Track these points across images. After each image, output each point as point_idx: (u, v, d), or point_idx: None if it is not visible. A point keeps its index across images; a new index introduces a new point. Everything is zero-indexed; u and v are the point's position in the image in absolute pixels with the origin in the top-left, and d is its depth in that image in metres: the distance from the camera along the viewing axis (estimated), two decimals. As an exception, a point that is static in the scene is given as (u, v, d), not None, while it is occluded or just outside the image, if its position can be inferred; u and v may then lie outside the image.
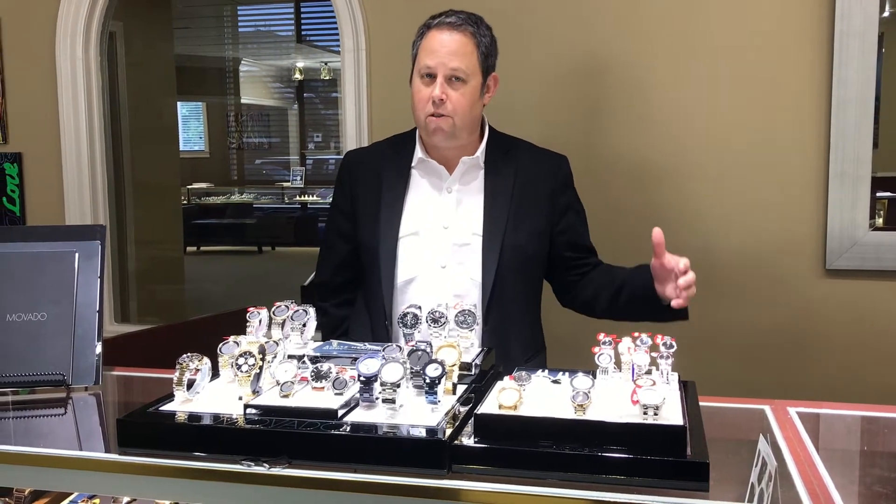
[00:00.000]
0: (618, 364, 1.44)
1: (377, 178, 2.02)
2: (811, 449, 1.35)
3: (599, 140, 2.72)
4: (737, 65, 2.60)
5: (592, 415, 1.26)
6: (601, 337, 1.44)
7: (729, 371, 2.62)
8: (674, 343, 1.42)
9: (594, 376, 1.38)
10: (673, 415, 1.27)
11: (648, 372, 1.38)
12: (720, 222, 2.65)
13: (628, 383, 1.38)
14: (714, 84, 2.62)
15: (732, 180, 2.63)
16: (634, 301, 1.91)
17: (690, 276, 1.75)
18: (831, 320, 2.59)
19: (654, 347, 1.42)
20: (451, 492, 1.20)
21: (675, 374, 1.44)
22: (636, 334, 1.44)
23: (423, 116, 1.90)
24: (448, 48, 1.87)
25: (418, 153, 1.99)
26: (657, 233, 1.76)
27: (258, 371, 1.39)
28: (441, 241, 1.95)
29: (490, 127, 2.03)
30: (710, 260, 2.67)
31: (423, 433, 1.25)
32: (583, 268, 2.03)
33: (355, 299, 2.09)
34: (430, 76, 1.88)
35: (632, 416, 1.25)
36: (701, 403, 1.40)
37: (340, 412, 1.31)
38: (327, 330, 2.06)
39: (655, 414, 1.24)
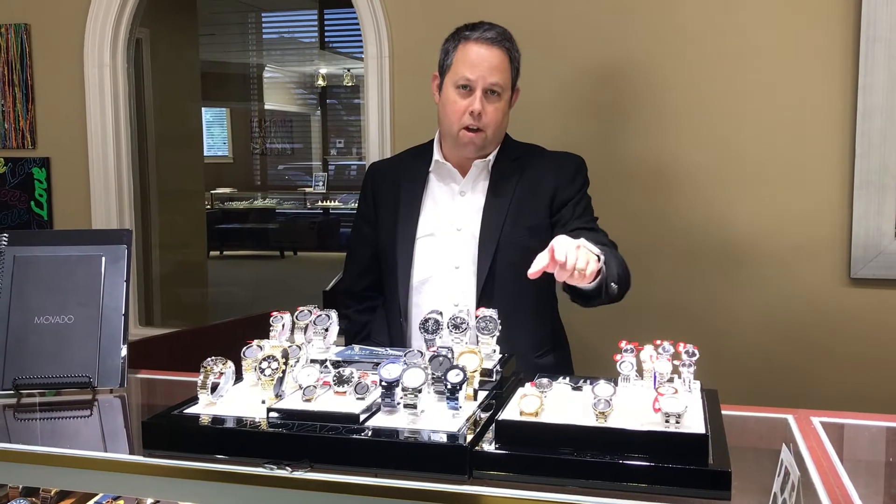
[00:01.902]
0: (639, 372, 1.43)
1: (397, 185, 2.07)
2: (835, 459, 1.34)
3: (619, 145, 2.72)
4: (760, 70, 2.59)
5: (614, 422, 1.26)
6: (623, 344, 1.44)
7: (751, 379, 2.60)
8: (696, 351, 1.42)
9: (616, 384, 1.38)
10: (695, 423, 1.26)
11: (670, 380, 1.38)
12: (743, 230, 2.64)
13: (650, 391, 1.37)
14: (737, 89, 2.61)
15: (756, 187, 2.62)
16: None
17: (563, 259, 1.54)
18: (856, 329, 2.56)
19: (676, 355, 1.42)
20: (471, 497, 1.20)
21: (698, 382, 1.44)
22: (658, 342, 1.44)
23: (457, 129, 1.94)
24: (489, 63, 1.91)
25: (436, 156, 2.03)
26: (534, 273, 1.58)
27: (281, 375, 1.40)
28: (455, 243, 1.99)
29: (506, 135, 2.05)
30: (732, 267, 2.65)
31: (444, 438, 1.26)
32: None
33: (377, 306, 2.13)
34: (467, 88, 1.92)
35: (653, 423, 1.25)
36: (723, 412, 1.40)
37: (362, 417, 1.32)
38: (349, 336, 2.11)
39: (677, 422, 1.23)
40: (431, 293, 1.98)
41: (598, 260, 1.64)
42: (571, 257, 1.54)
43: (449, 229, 2.00)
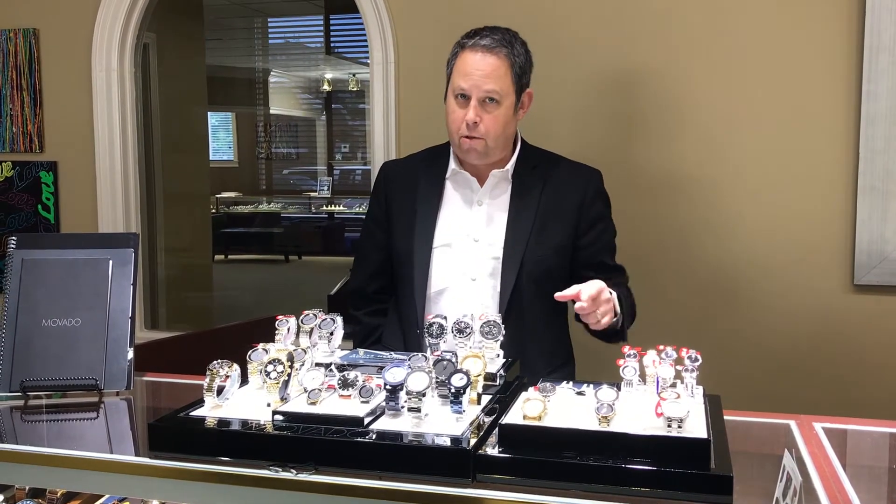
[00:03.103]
0: (642, 376, 1.44)
1: (413, 189, 2.04)
2: (837, 465, 1.34)
3: (630, 153, 2.73)
4: (766, 79, 2.60)
5: (616, 427, 1.27)
6: (626, 350, 1.45)
7: (754, 385, 2.60)
8: (699, 356, 1.42)
9: (619, 388, 1.39)
10: (697, 428, 1.27)
11: (673, 385, 1.39)
12: (748, 236, 2.64)
13: (653, 396, 1.38)
14: (743, 98, 2.62)
15: (761, 194, 2.62)
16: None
17: (584, 302, 1.69)
18: (859, 336, 2.57)
19: (679, 361, 1.43)
20: (475, 501, 1.21)
21: (700, 388, 1.44)
22: (661, 347, 1.44)
23: (458, 137, 1.93)
24: (482, 71, 1.88)
25: (452, 165, 2.02)
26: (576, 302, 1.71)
27: (286, 378, 1.41)
28: (472, 254, 1.98)
29: (523, 141, 2.04)
30: (736, 274, 2.66)
31: (447, 442, 1.27)
32: None
33: (387, 309, 2.12)
34: (464, 97, 1.90)
35: (656, 428, 1.26)
36: (726, 417, 1.40)
37: (366, 420, 1.32)
38: (359, 339, 2.09)
39: (679, 427, 1.24)
40: (448, 304, 1.96)
41: (616, 314, 1.82)
42: (591, 308, 1.70)
43: (465, 240, 1.98)
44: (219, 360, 1.45)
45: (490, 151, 1.94)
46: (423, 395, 1.33)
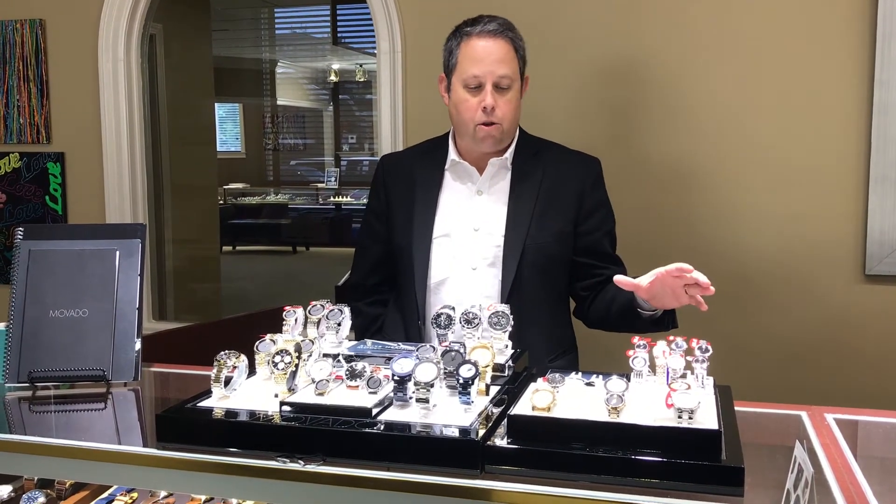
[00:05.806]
0: (652, 367, 1.43)
1: (412, 181, 2.04)
2: (849, 456, 1.33)
3: (633, 142, 2.71)
4: (775, 67, 2.57)
5: (626, 418, 1.26)
6: (636, 340, 1.44)
7: (765, 376, 2.59)
8: (709, 347, 1.41)
9: (628, 379, 1.38)
10: (708, 419, 1.26)
11: (683, 376, 1.38)
12: (757, 226, 2.62)
13: (663, 387, 1.37)
14: (751, 86, 2.60)
15: (770, 183, 2.60)
16: (625, 316, 1.89)
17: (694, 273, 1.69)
18: (870, 326, 2.55)
19: (689, 351, 1.42)
20: (483, 492, 1.20)
21: (711, 379, 1.43)
22: (671, 338, 1.43)
23: (472, 126, 1.92)
24: (494, 56, 1.89)
25: (451, 155, 2.01)
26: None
27: (294, 369, 1.41)
28: (472, 243, 1.97)
29: (521, 129, 2.04)
30: (747, 264, 2.64)
31: (456, 433, 1.26)
32: (597, 278, 1.99)
33: (388, 300, 2.12)
34: (476, 85, 1.90)
35: (666, 419, 1.25)
36: (737, 408, 1.39)
37: (374, 411, 1.32)
38: (361, 329, 2.09)
39: (690, 418, 1.23)
40: (449, 294, 1.96)
41: None
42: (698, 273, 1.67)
43: (466, 230, 1.98)
44: (226, 351, 1.45)
45: (504, 137, 1.95)
46: (432, 385, 1.32)
